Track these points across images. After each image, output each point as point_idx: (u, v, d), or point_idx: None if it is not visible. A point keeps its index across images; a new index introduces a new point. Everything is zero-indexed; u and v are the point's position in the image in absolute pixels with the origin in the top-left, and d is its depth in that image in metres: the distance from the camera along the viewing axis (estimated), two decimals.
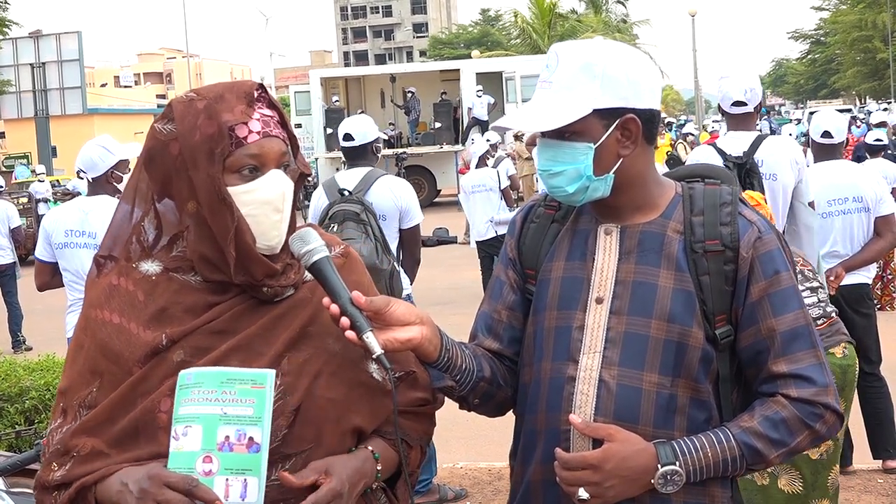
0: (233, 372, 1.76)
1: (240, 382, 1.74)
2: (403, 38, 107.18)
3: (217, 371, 1.76)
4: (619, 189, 2.00)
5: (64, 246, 5.57)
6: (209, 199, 1.83)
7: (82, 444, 1.81)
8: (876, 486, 5.40)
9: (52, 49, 29.72)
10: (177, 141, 1.85)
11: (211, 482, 1.70)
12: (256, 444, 1.72)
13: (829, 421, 1.96)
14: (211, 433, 1.72)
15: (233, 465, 1.72)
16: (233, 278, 1.86)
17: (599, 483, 1.87)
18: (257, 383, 1.74)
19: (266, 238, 1.87)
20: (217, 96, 1.86)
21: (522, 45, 51.28)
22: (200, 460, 1.72)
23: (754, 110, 4.93)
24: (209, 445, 1.72)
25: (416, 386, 2.02)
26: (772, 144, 4.79)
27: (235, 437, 1.72)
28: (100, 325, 1.89)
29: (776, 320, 1.95)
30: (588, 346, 1.97)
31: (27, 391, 5.53)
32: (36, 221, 18.66)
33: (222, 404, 1.73)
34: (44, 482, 1.85)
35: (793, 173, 4.73)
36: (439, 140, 26.68)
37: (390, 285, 4.91)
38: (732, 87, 4.89)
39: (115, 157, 5.55)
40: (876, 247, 5.50)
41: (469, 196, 10.87)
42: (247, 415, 1.72)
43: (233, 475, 1.72)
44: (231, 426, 1.72)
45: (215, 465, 1.71)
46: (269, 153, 1.85)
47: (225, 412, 1.73)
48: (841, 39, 60.90)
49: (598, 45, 2.00)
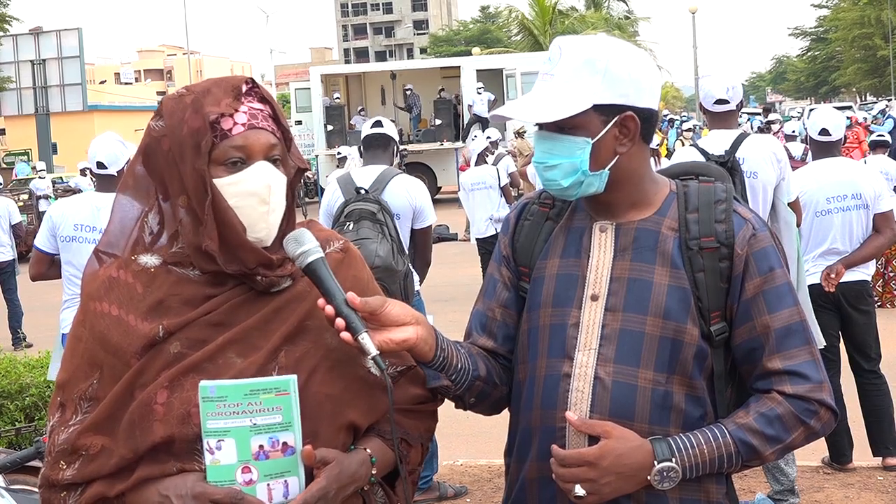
0: (255, 382, 1.77)
1: (264, 392, 1.75)
2: (404, 35, 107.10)
3: (239, 384, 1.77)
4: (614, 186, 2.00)
5: (72, 240, 5.53)
6: (196, 191, 1.84)
7: (91, 443, 1.81)
8: (875, 484, 5.41)
9: (53, 46, 29.70)
10: (167, 137, 1.87)
11: (253, 490, 1.75)
12: (291, 448, 1.76)
13: (824, 418, 1.97)
14: (244, 444, 1.75)
15: (271, 470, 1.76)
16: (225, 268, 1.86)
17: (596, 479, 1.88)
18: (281, 390, 1.76)
19: (254, 230, 1.86)
20: (204, 90, 1.87)
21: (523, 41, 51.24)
22: (239, 472, 1.75)
23: (736, 108, 4.97)
24: (245, 457, 1.75)
25: (417, 382, 2.02)
26: (753, 143, 4.82)
27: (269, 444, 1.75)
28: (98, 317, 1.89)
29: (771, 317, 1.96)
30: (583, 343, 1.98)
31: (27, 388, 5.54)
32: (37, 218, 18.67)
33: (250, 416, 1.75)
34: (52, 481, 1.84)
35: (773, 171, 4.76)
36: (440, 137, 26.67)
37: (404, 286, 4.89)
38: (714, 85, 4.93)
39: (131, 151, 5.55)
40: (875, 243, 5.51)
41: (469, 193, 10.86)
42: (276, 422, 1.76)
43: (273, 479, 1.76)
44: (263, 435, 1.75)
45: (255, 473, 1.75)
46: (255, 145, 1.85)
47: (255, 423, 1.75)
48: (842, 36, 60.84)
49: (602, 41, 2.00)
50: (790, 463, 4.97)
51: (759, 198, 4.72)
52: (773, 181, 4.76)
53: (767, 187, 4.76)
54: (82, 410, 1.86)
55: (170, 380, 1.80)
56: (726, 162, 4.52)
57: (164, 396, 1.80)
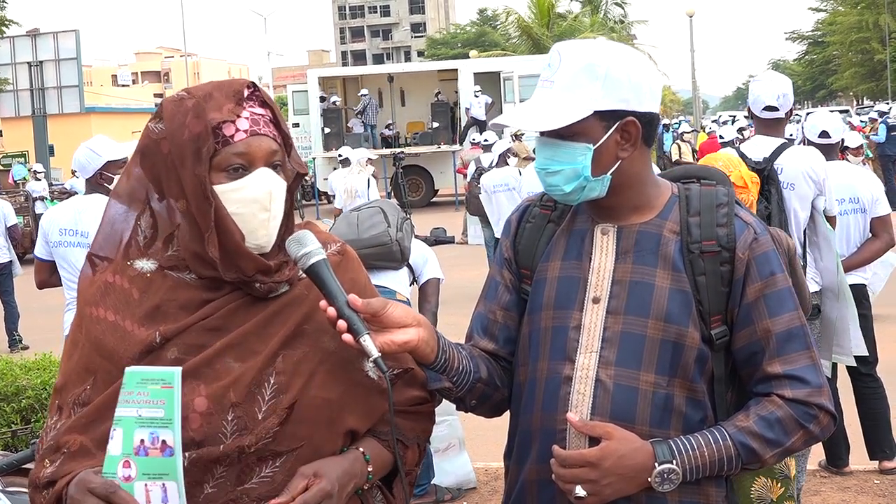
0: (146, 371, 1.72)
1: (152, 382, 1.70)
2: (401, 38, 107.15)
3: (135, 371, 1.72)
4: (616, 190, 2.00)
5: (58, 245, 5.59)
6: (196, 197, 1.83)
7: (72, 441, 1.81)
8: (872, 487, 5.41)
9: (50, 48, 29.63)
10: (167, 140, 1.85)
11: (131, 488, 1.68)
12: (170, 448, 1.68)
13: (823, 422, 1.97)
14: (129, 436, 1.69)
15: (149, 469, 1.68)
16: (223, 275, 1.85)
17: (596, 481, 1.88)
18: (166, 383, 1.69)
19: (254, 237, 1.86)
20: (206, 95, 1.86)
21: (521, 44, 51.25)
22: (121, 465, 1.69)
23: (785, 115, 4.83)
24: (127, 449, 1.69)
25: (414, 384, 2.02)
26: (792, 154, 4.67)
27: (149, 440, 1.68)
28: (94, 323, 1.89)
29: (771, 321, 1.96)
30: (584, 346, 1.98)
31: (23, 390, 5.53)
32: (33, 220, 18.63)
33: (138, 406, 1.69)
34: (35, 479, 1.84)
35: (808, 186, 4.63)
36: (437, 140, 26.65)
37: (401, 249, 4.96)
38: (765, 90, 4.79)
39: (103, 158, 5.55)
40: (872, 247, 5.51)
41: (492, 196, 10.78)
42: (158, 417, 1.68)
43: (150, 480, 1.68)
44: (145, 429, 1.69)
45: (133, 470, 1.69)
46: (257, 151, 1.85)
47: (140, 414, 1.69)
48: (839, 40, 60.94)
49: (601, 45, 2.00)
50: (801, 471, 4.95)
51: (794, 209, 4.61)
52: (808, 195, 4.64)
53: (803, 200, 4.63)
54: (75, 414, 1.86)
55: None
56: (763, 169, 4.48)
57: None
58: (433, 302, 5.22)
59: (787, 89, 4.83)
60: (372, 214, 4.96)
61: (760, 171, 4.51)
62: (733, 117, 30.61)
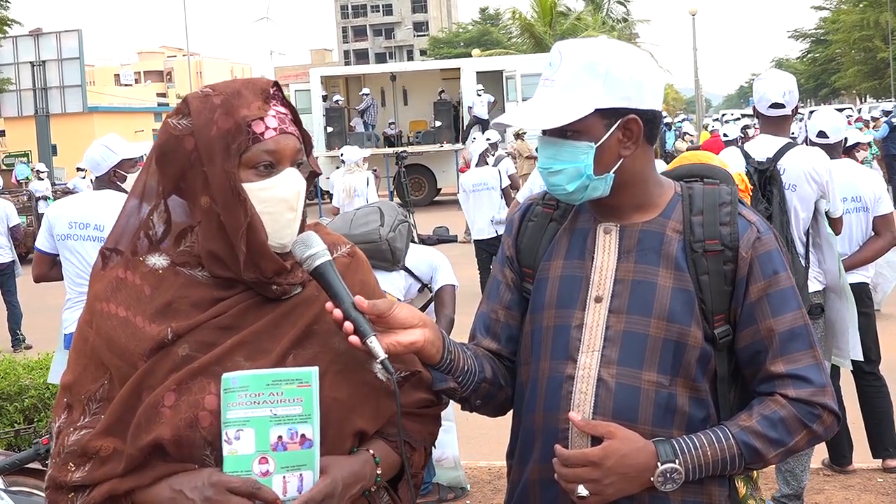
0: (278, 373, 1.78)
1: (286, 383, 1.77)
2: (404, 37, 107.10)
3: (262, 374, 1.78)
4: (619, 188, 2.00)
5: (67, 237, 5.53)
6: (223, 194, 1.82)
7: (103, 446, 1.80)
8: (876, 486, 5.41)
9: (53, 47, 29.66)
10: (192, 136, 1.84)
11: (269, 482, 1.75)
12: (309, 440, 1.77)
13: (827, 421, 1.97)
14: (263, 435, 1.76)
15: (288, 462, 1.77)
16: (242, 275, 1.85)
17: (599, 480, 1.88)
18: (303, 382, 1.77)
19: (279, 236, 1.86)
20: (234, 92, 1.85)
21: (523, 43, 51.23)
22: (256, 462, 1.75)
23: (791, 113, 4.80)
24: (263, 447, 1.76)
25: (421, 386, 2.02)
26: (796, 154, 4.65)
27: (288, 435, 1.76)
28: (105, 318, 1.88)
29: (775, 320, 1.96)
30: (587, 345, 1.97)
31: (26, 390, 5.54)
32: (36, 220, 18.66)
33: (271, 406, 1.76)
34: (59, 482, 1.83)
35: (810, 187, 4.61)
36: (440, 139, 26.66)
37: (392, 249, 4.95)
38: (770, 88, 4.76)
39: (118, 156, 5.57)
40: (874, 246, 5.50)
41: (470, 195, 10.84)
42: (296, 413, 1.77)
43: (289, 472, 1.77)
44: (282, 426, 1.76)
45: (271, 465, 1.76)
46: (285, 150, 1.85)
47: (275, 413, 1.76)
48: (842, 39, 60.84)
49: (603, 44, 1.99)
50: (805, 470, 4.94)
51: (795, 210, 4.59)
52: (811, 196, 4.62)
53: (806, 201, 4.62)
54: (91, 411, 1.85)
55: (177, 382, 1.79)
56: (766, 170, 4.45)
57: (171, 399, 1.79)
58: (450, 308, 5.22)
59: (792, 86, 4.81)
60: (368, 213, 4.98)
61: (763, 171, 4.49)
62: (739, 116, 30.51)
